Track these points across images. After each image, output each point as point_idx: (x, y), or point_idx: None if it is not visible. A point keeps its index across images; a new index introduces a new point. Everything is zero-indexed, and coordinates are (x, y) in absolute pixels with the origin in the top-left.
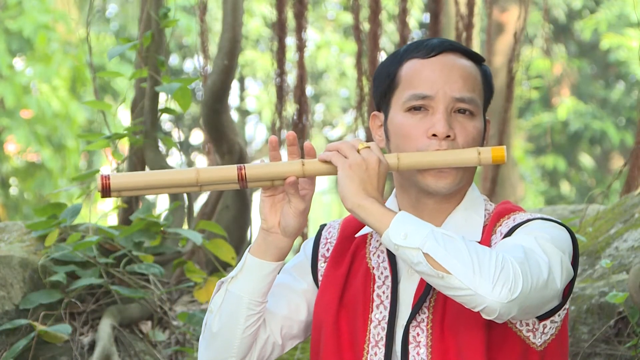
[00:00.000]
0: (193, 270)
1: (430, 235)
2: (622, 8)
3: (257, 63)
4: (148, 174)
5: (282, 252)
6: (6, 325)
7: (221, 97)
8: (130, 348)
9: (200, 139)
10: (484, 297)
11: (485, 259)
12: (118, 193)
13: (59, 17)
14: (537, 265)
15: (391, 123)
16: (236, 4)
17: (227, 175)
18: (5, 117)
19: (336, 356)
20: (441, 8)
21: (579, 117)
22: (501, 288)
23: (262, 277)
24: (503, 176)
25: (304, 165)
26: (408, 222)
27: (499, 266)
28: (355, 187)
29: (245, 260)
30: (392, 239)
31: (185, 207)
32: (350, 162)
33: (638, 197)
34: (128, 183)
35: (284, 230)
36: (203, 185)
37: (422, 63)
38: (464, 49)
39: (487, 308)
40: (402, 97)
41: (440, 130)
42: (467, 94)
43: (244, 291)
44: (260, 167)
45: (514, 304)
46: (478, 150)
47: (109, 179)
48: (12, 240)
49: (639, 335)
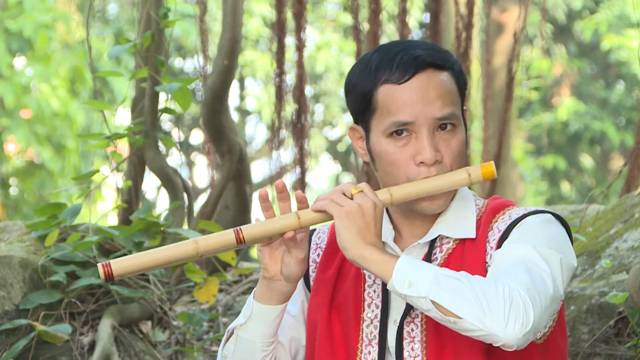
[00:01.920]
0: (193, 270)
1: (434, 282)
2: (622, 8)
3: (257, 63)
4: (148, 254)
5: (287, 295)
6: (6, 325)
7: (221, 97)
8: (130, 348)
9: (200, 139)
10: (498, 337)
11: (493, 296)
12: (120, 277)
13: (59, 17)
14: (542, 282)
15: (375, 147)
16: (236, 4)
17: (226, 241)
18: (5, 117)
19: (330, 357)
20: (441, 8)
21: (579, 118)
22: (514, 325)
23: (270, 321)
24: (503, 176)
25: (299, 218)
26: (410, 268)
27: (507, 301)
28: (354, 237)
29: (252, 307)
30: (397, 289)
31: (185, 207)
32: (346, 210)
33: (638, 197)
34: (129, 267)
35: (287, 278)
36: (204, 255)
37: (397, 89)
38: (436, 62)
39: (505, 345)
40: (382, 124)
41: (428, 157)
42: (447, 111)
43: (255, 336)
44: (257, 227)
45: (529, 334)
46: (468, 172)
47: (109, 266)
48: (12, 240)
49: (639, 335)
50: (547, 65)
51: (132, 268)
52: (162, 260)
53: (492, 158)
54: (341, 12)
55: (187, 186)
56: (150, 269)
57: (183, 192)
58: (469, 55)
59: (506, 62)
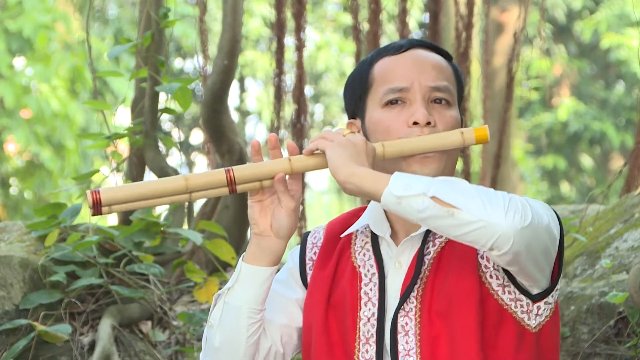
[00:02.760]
0: (193, 270)
1: (432, 181)
2: (622, 8)
3: (257, 63)
4: (136, 185)
5: (277, 255)
6: (6, 325)
7: (221, 97)
8: (130, 348)
9: (200, 139)
10: (497, 225)
11: (492, 193)
12: (109, 208)
13: (59, 17)
14: (536, 211)
15: (369, 122)
16: (236, 4)
17: (216, 179)
18: (5, 117)
19: (328, 357)
20: (441, 8)
21: (579, 118)
22: (513, 215)
23: (258, 284)
24: (503, 176)
25: (291, 161)
26: (407, 176)
27: (507, 198)
28: (345, 160)
29: (239, 269)
30: (393, 192)
31: (185, 207)
32: (338, 142)
33: (638, 197)
34: (118, 195)
35: (277, 232)
36: (193, 191)
37: (394, 59)
38: (433, 45)
39: (501, 237)
40: (378, 94)
41: (421, 118)
42: (442, 83)
43: (242, 301)
44: (248, 168)
45: (527, 231)
46: (461, 131)
47: (98, 193)
48: (12, 240)
49: (639, 335)
50: (546, 65)
51: (121, 197)
52: (150, 192)
53: (492, 158)
54: (341, 12)
55: None
56: (140, 202)
57: None
58: (469, 55)
59: (506, 62)
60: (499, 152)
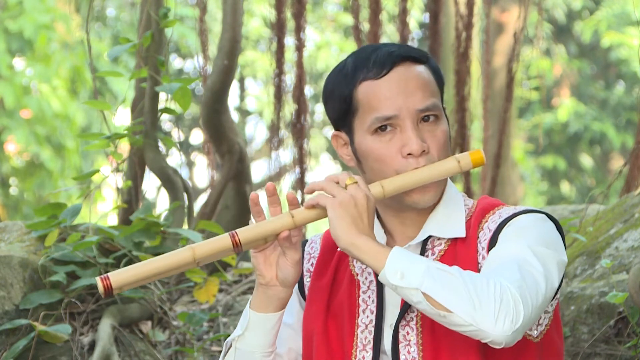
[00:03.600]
0: (193, 270)
1: (426, 274)
2: (622, 7)
3: (257, 63)
4: (145, 265)
5: (284, 301)
6: (6, 325)
7: (221, 97)
8: (130, 348)
9: (200, 139)
10: (487, 333)
11: (484, 292)
12: (120, 289)
13: (58, 17)
14: (534, 281)
15: (360, 146)
16: (236, 4)
17: (222, 246)
18: (5, 117)
19: None
20: (441, 8)
21: (579, 119)
22: (503, 321)
23: (268, 330)
24: (503, 176)
25: (293, 217)
26: (403, 259)
27: (498, 298)
28: (347, 226)
29: (249, 317)
30: (389, 280)
31: (185, 207)
32: (339, 201)
33: (638, 197)
34: (127, 278)
35: (282, 282)
36: (201, 261)
37: (377, 84)
38: (411, 55)
39: (493, 341)
40: (366, 121)
41: (415, 148)
42: (429, 102)
43: (254, 347)
44: (252, 229)
45: (518, 332)
46: (457, 159)
47: (108, 279)
48: (12, 240)
49: (639, 335)
50: (545, 65)
51: (131, 279)
52: (160, 270)
53: (492, 158)
54: (341, 12)
55: (187, 186)
56: (149, 279)
57: (183, 192)
58: (469, 55)
59: (506, 62)
60: (499, 152)
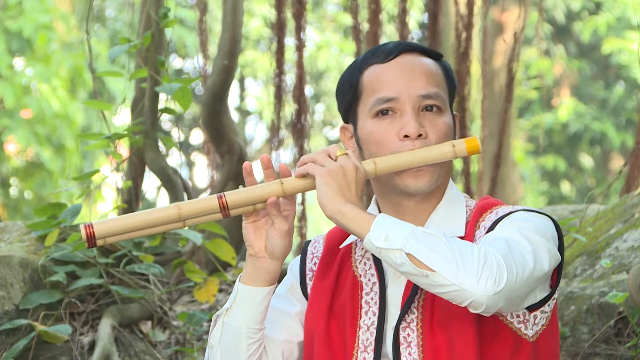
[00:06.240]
0: (193, 270)
1: (411, 235)
2: (623, 11)
3: (257, 63)
4: (130, 217)
5: (273, 276)
6: (6, 325)
7: (221, 97)
8: (130, 348)
9: (200, 139)
10: (469, 292)
11: (468, 253)
12: (104, 240)
13: (58, 17)
14: (521, 256)
15: (361, 131)
16: (236, 4)
17: (209, 206)
18: (5, 117)
19: None
20: (440, 8)
21: (579, 119)
22: (486, 281)
23: (256, 304)
24: (503, 176)
25: (282, 184)
26: (388, 224)
27: (482, 259)
28: (333, 194)
29: (237, 290)
30: (373, 242)
31: None
32: (328, 169)
33: (638, 197)
34: (111, 228)
35: (271, 254)
36: (186, 219)
37: (382, 67)
38: (421, 48)
39: (474, 302)
40: (368, 103)
41: (412, 130)
42: (432, 90)
43: (241, 321)
44: (240, 193)
45: (500, 296)
46: (452, 144)
47: (92, 227)
48: (12, 240)
49: (639, 335)
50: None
51: (115, 230)
52: (145, 223)
53: (492, 158)
54: (341, 12)
55: (187, 186)
56: (134, 233)
57: (183, 192)
58: (469, 55)
59: (506, 62)
60: (499, 152)
